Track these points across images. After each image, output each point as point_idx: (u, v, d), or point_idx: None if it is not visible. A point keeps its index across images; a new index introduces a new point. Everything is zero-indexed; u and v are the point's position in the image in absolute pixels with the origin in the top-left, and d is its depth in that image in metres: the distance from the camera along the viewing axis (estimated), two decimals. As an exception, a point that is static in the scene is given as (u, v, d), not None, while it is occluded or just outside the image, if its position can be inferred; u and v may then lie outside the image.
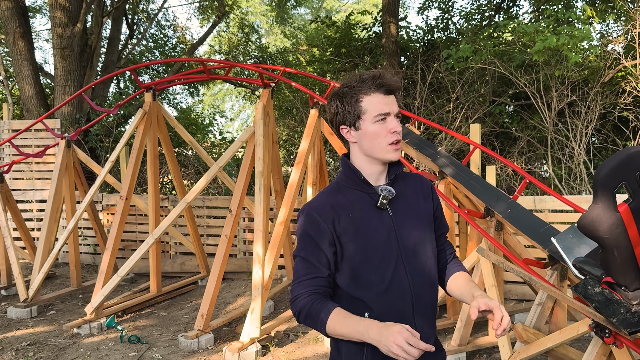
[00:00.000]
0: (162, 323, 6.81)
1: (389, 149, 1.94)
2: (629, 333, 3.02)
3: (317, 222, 1.92)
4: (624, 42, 10.13)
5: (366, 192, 1.98)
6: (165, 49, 18.62)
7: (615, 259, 2.99)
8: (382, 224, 1.94)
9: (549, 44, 8.05)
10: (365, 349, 1.89)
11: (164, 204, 9.08)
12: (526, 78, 9.38)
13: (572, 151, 8.94)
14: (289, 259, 7.87)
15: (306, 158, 6.75)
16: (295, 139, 12.76)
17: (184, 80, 9.45)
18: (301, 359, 5.51)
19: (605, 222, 2.89)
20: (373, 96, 1.93)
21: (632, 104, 9.17)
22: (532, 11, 12.99)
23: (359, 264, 1.91)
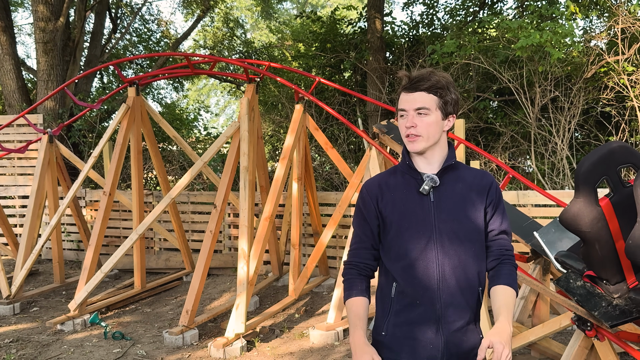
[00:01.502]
0: (146, 319, 6.78)
1: (406, 141, 2.18)
2: (610, 326, 3.06)
3: (365, 197, 2.24)
4: (607, 38, 10.22)
5: (414, 177, 2.20)
6: (149, 43, 18.45)
7: (597, 252, 3.02)
8: (421, 208, 2.15)
9: (531, 41, 8.10)
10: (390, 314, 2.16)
11: (148, 200, 9.02)
12: (510, 74, 9.44)
13: (555, 146, 9.02)
14: (275, 255, 7.86)
15: (291, 153, 6.74)
16: (280, 134, 12.74)
17: (168, 75, 9.39)
18: (286, 354, 5.52)
19: (586, 216, 2.93)
20: (401, 95, 2.22)
21: (614, 99, 9.25)
22: (516, 7, 13.06)
23: (392, 237, 2.16)
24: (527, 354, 5.05)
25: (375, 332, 2.22)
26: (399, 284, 2.12)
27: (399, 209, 2.15)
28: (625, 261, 3.03)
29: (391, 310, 2.15)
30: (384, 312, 2.18)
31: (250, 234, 6.11)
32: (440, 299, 2.08)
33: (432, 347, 2.08)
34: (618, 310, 3.08)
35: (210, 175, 8.10)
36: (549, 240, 3.83)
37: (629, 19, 9.00)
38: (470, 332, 2.15)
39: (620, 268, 3.07)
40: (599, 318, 3.08)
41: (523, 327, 4.56)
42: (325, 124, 11.44)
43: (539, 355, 4.92)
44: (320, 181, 10.68)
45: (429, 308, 2.09)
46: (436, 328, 2.09)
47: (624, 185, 2.98)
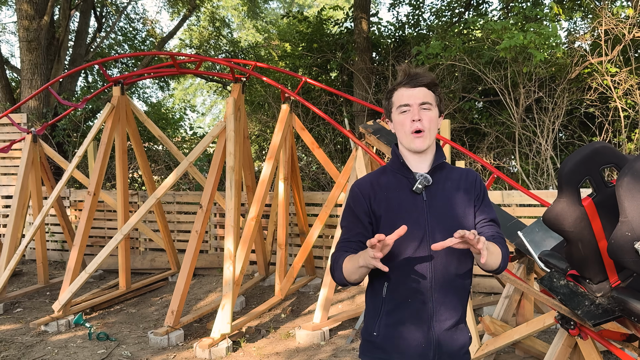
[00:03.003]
0: (131, 320, 6.74)
1: (411, 137, 2.14)
2: (593, 325, 3.09)
3: (357, 195, 2.20)
4: (591, 40, 10.32)
5: (406, 176, 2.19)
6: (134, 42, 18.32)
7: (580, 252, 3.05)
8: (414, 207, 2.14)
9: (515, 42, 8.16)
10: (381, 313, 2.15)
11: (133, 200, 8.97)
12: (495, 75, 9.50)
13: (540, 147, 9.09)
14: (261, 255, 7.85)
15: (278, 153, 6.74)
16: (267, 134, 12.71)
17: (153, 74, 9.34)
18: (272, 354, 5.51)
19: (569, 216, 2.95)
20: (399, 90, 2.17)
21: (597, 100, 9.35)
22: (501, 8, 13.15)
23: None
24: (511, 352, 5.09)
25: (366, 333, 2.21)
26: (391, 283, 2.12)
27: (393, 208, 2.14)
28: (607, 260, 3.07)
29: (382, 310, 2.14)
30: (375, 312, 2.18)
31: (237, 234, 6.09)
32: (432, 298, 2.10)
33: (424, 346, 2.09)
34: (601, 309, 3.12)
35: (196, 175, 8.07)
36: (533, 239, 3.86)
37: (612, 20, 9.10)
38: (460, 330, 2.18)
39: (603, 267, 3.10)
40: (582, 317, 3.11)
41: (507, 326, 4.59)
42: (311, 124, 11.44)
43: (523, 354, 4.96)
44: (306, 181, 10.68)
45: (421, 307, 2.09)
46: (428, 327, 2.10)
47: (606, 185, 3.01)
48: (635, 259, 2.45)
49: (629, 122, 9.16)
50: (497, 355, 4.97)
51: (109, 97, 10.95)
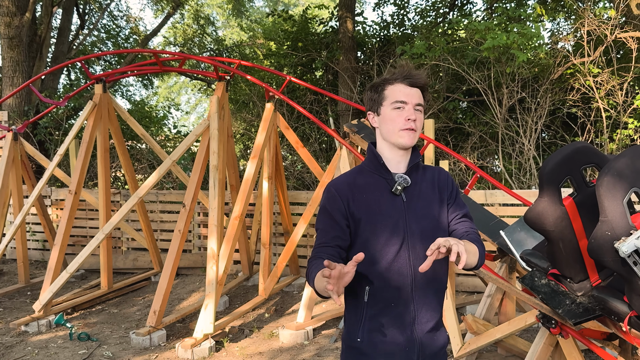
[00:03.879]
0: (113, 320, 6.68)
1: (401, 133, 2.10)
2: (574, 324, 3.11)
3: (334, 197, 2.11)
4: (574, 40, 10.41)
5: (384, 177, 2.14)
6: (117, 40, 18.18)
7: (561, 251, 3.07)
8: (394, 209, 2.10)
9: (498, 42, 8.21)
10: (363, 320, 2.10)
11: (115, 199, 8.89)
12: (478, 75, 9.55)
13: (522, 146, 9.15)
14: (245, 254, 7.82)
15: (262, 152, 6.71)
16: (251, 133, 12.66)
17: (136, 72, 9.27)
18: (256, 354, 5.49)
19: (550, 215, 2.97)
20: (396, 85, 2.13)
21: (580, 100, 9.43)
22: (485, 9, 13.22)
23: (366, 240, 2.08)
24: (493, 351, 5.12)
25: (349, 339, 2.16)
26: (372, 288, 2.07)
27: (373, 210, 2.09)
28: (588, 260, 3.09)
29: (365, 316, 2.10)
30: (357, 317, 2.12)
31: (220, 233, 6.06)
32: (414, 301, 2.09)
33: (408, 349, 2.08)
34: (581, 308, 3.14)
35: (179, 174, 8.02)
36: (515, 239, 3.88)
37: (595, 21, 9.18)
38: (440, 331, 2.18)
39: (584, 266, 3.12)
40: (563, 316, 3.13)
41: (490, 325, 4.61)
42: (296, 122, 11.42)
43: (506, 352, 4.99)
44: (291, 180, 10.66)
45: (403, 310, 2.08)
46: (411, 330, 2.09)
47: (587, 185, 3.03)
48: (615, 258, 2.47)
49: (611, 122, 9.25)
50: (480, 353, 4.99)
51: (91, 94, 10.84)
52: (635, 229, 2.43)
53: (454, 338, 4.75)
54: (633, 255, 2.42)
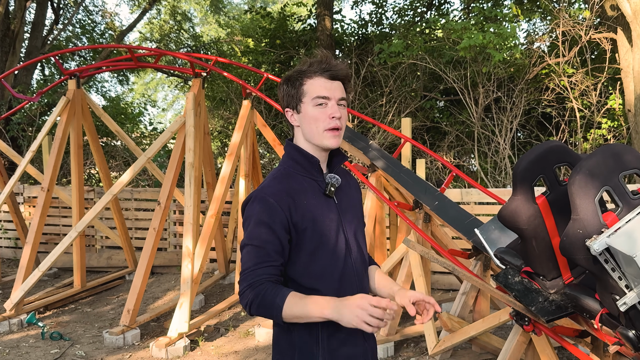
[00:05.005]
0: (86, 319, 6.58)
1: (326, 135, 1.91)
2: (546, 321, 3.14)
3: (273, 208, 1.84)
4: (549, 41, 10.54)
5: (314, 179, 1.96)
6: (93, 35, 17.92)
7: (534, 249, 3.09)
8: (332, 213, 1.95)
9: (474, 42, 8.27)
10: (321, 339, 1.89)
11: (89, 196, 8.76)
12: (455, 74, 9.61)
13: (498, 146, 9.24)
14: (221, 252, 7.77)
15: (238, 150, 6.67)
16: (229, 131, 12.59)
17: (111, 68, 9.14)
18: (231, 353, 5.46)
19: (524, 213, 2.99)
20: (316, 79, 1.91)
21: (555, 100, 9.55)
22: (462, 8, 13.31)
23: (314, 252, 1.89)
24: (468, 348, 5.15)
25: None
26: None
27: (318, 218, 1.90)
28: (561, 257, 3.11)
29: (322, 336, 1.90)
30: (312, 339, 1.90)
31: (196, 231, 6.01)
32: None
33: (363, 358, 2.00)
34: (554, 305, 3.16)
35: (154, 172, 7.93)
36: (489, 237, 3.90)
37: (570, 22, 9.30)
38: (374, 335, 2.10)
39: (556, 264, 3.14)
40: (536, 313, 3.15)
41: (464, 322, 4.64)
42: (274, 120, 11.38)
43: (480, 349, 5.02)
44: (268, 178, 10.60)
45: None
46: (363, 339, 2.00)
47: (560, 183, 3.06)
48: (587, 256, 2.49)
49: (585, 122, 9.39)
50: (454, 351, 5.02)
51: (65, 90, 10.69)
52: (607, 227, 2.45)
53: (429, 336, 4.77)
54: (604, 253, 2.44)
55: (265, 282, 1.81)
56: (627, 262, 2.35)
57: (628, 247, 2.32)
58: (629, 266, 2.37)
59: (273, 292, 1.79)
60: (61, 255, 6.37)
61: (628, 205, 2.51)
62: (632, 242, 2.34)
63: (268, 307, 1.78)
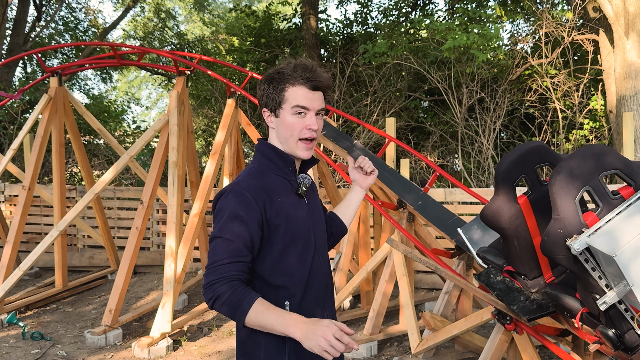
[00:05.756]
0: (67, 319, 6.52)
1: (299, 145, 1.94)
2: (528, 320, 3.16)
3: (249, 202, 1.83)
4: (532, 42, 10.62)
5: (287, 178, 1.98)
6: (76, 32, 17.74)
7: (516, 248, 3.12)
8: (303, 212, 1.97)
9: (458, 43, 8.31)
10: (287, 345, 1.88)
11: (71, 195, 8.68)
12: (439, 74, 9.66)
13: (481, 146, 9.30)
14: (205, 252, 7.73)
15: (222, 149, 6.64)
16: (213, 129, 12.53)
17: (94, 65, 9.06)
18: (214, 353, 5.43)
19: (505, 213, 3.01)
20: (298, 88, 1.91)
21: (537, 101, 9.63)
22: (446, 9, 13.38)
23: (285, 249, 1.89)
24: (450, 347, 5.18)
25: None
26: (293, 301, 1.90)
27: (290, 216, 1.92)
28: (542, 257, 3.14)
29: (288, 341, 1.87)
30: (278, 339, 1.87)
31: (179, 230, 5.97)
32: (325, 307, 2.03)
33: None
34: (535, 304, 3.19)
35: (137, 170, 7.86)
36: (472, 236, 3.93)
37: (552, 23, 9.39)
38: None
39: (538, 263, 3.17)
40: (518, 312, 3.17)
41: (447, 321, 4.66)
42: (259, 119, 11.33)
43: (462, 348, 5.05)
44: (253, 177, 10.58)
45: (320, 317, 1.96)
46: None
47: (541, 183, 3.08)
48: (567, 256, 2.51)
49: (567, 122, 9.48)
50: (437, 349, 5.04)
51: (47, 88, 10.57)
52: (587, 227, 2.48)
53: (412, 334, 4.79)
54: (584, 252, 2.46)
55: (235, 279, 1.79)
56: (607, 261, 2.38)
57: (608, 247, 2.35)
58: (609, 266, 2.39)
59: (241, 294, 1.76)
60: (42, 255, 6.30)
61: (608, 205, 2.53)
62: (612, 242, 2.36)
63: (233, 307, 1.76)
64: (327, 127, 6.52)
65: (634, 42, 7.81)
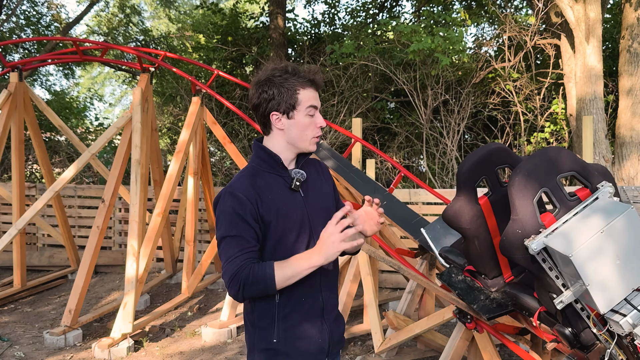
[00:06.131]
0: (26, 319, 6.37)
1: (312, 141, 2.11)
2: (487, 318, 3.21)
3: (243, 201, 1.98)
4: (496, 46, 10.80)
5: (281, 175, 2.10)
6: (38, 27, 17.31)
7: (476, 248, 3.16)
8: (296, 205, 2.09)
9: (423, 45, 8.40)
10: (277, 319, 2.05)
11: (30, 193, 8.48)
12: (405, 76, 9.73)
13: (446, 147, 9.41)
14: (168, 252, 7.64)
15: (187, 147, 6.58)
16: (178, 128, 12.38)
17: (56, 61, 8.87)
18: (176, 354, 5.37)
19: (466, 213, 3.05)
20: (308, 90, 2.07)
21: (500, 104, 9.80)
22: (413, 12, 13.50)
23: (278, 241, 2.03)
24: (413, 346, 5.23)
25: (264, 342, 2.08)
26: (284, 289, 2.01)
27: (281, 211, 2.04)
28: (502, 257, 3.19)
29: (278, 316, 2.06)
30: (269, 319, 2.07)
31: (141, 230, 5.89)
32: (322, 292, 2.13)
33: (321, 340, 2.11)
34: (495, 303, 3.24)
35: (99, 168, 7.73)
36: (435, 236, 3.97)
37: (516, 28, 9.56)
38: (340, 317, 2.25)
39: (498, 263, 3.22)
40: (478, 311, 3.22)
41: (410, 320, 4.71)
42: (225, 118, 11.26)
43: (425, 347, 5.10)
44: (219, 176, 10.51)
45: (314, 303, 2.11)
46: (321, 321, 2.12)
47: (501, 184, 3.14)
48: (525, 256, 2.55)
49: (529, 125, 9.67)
50: (400, 348, 5.08)
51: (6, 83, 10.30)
52: (544, 228, 2.53)
53: (376, 334, 4.82)
54: (542, 252, 2.51)
55: (249, 264, 1.94)
56: (564, 261, 2.43)
57: (564, 247, 2.40)
58: (565, 266, 2.44)
59: (260, 267, 1.93)
60: (0, 254, 6.14)
61: (565, 206, 2.59)
62: (569, 242, 2.41)
63: (260, 281, 1.92)
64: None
65: (594, 47, 8.00)
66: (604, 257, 2.40)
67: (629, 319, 2.35)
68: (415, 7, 13.15)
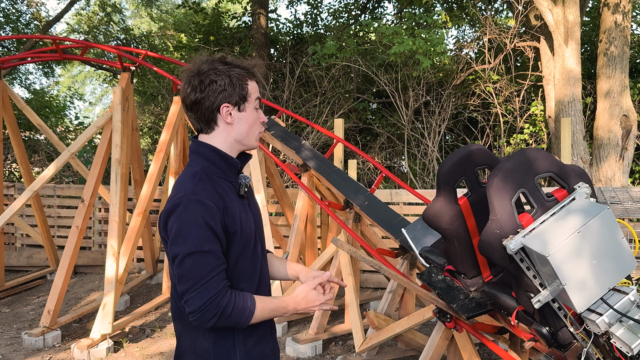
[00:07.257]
0: (4, 320, 6.29)
1: (258, 137, 1.96)
2: (467, 318, 3.24)
3: (212, 210, 1.75)
4: (476, 48, 10.90)
5: (230, 180, 1.90)
6: (17, 25, 17.08)
7: (456, 248, 3.19)
8: (247, 213, 1.92)
9: (404, 47, 8.44)
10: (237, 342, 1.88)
11: (9, 192, 8.37)
12: (387, 77, 9.78)
13: (427, 148, 9.47)
14: (149, 252, 7.59)
15: (168, 147, 6.54)
16: (159, 127, 12.31)
17: (36, 59, 8.76)
18: (156, 354, 5.34)
19: (446, 214, 3.08)
20: (253, 82, 1.92)
21: (480, 106, 9.89)
22: (394, 13, 13.56)
23: (239, 255, 1.86)
24: (394, 345, 5.26)
25: None
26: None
27: (243, 220, 1.86)
28: (480, 256, 3.23)
29: (238, 338, 1.88)
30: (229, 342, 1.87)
31: (121, 230, 5.84)
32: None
33: (274, 357, 2.03)
34: (474, 302, 3.27)
35: (78, 168, 7.65)
36: (415, 236, 3.99)
37: (496, 30, 9.66)
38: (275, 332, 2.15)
39: (477, 263, 3.26)
40: (457, 310, 3.25)
41: (390, 320, 4.73)
42: (206, 118, 11.20)
43: (405, 346, 5.13)
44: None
45: (265, 323, 1.97)
46: (271, 336, 2.03)
47: (480, 185, 3.17)
48: (503, 255, 2.58)
49: (508, 127, 9.77)
50: (380, 348, 5.11)
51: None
52: (522, 228, 2.56)
53: (357, 333, 4.84)
54: (520, 252, 2.55)
55: (225, 290, 1.77)
56: (541, 261, 2.46)
57: (542, 247, 2.43)
58: (543, 265, 2.48)
59: (240, 298, 1.80)
60: (-24, 254, 6.06)
61: (543, 207, 2.62)
62: (546, 243, 2.45)
63: (241, 313, 1.78)
64: (275, 127, 6.51)
65: (573, 50, 8.11)
66: (581, 257, 2.44)
67: (605, 318, 2.38)
68: (397, 9, 13.21)
